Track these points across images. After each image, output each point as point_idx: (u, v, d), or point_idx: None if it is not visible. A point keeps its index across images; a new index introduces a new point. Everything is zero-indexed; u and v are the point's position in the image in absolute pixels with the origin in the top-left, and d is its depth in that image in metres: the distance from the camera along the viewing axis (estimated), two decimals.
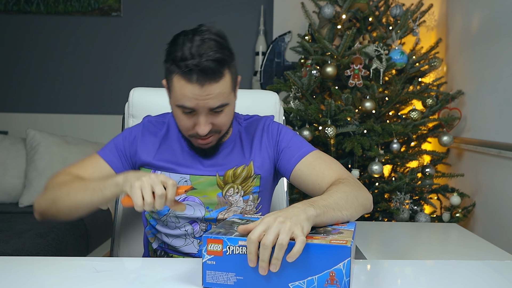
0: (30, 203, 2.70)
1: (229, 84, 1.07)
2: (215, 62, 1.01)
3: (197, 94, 1.03)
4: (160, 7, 3.34)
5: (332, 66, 2.32)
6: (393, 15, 2.49)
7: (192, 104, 1.04)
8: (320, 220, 0.87)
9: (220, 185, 1.17)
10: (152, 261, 1.01)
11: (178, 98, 1.06)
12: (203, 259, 0.79)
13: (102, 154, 1.20)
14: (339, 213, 0.92)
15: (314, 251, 0.77)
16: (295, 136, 1.21)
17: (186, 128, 1.10)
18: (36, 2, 3.30)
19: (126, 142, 1.22)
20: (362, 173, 2.38)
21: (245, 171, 1.18)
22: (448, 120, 2.41)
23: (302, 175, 1.14)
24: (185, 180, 1.17)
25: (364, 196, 1.04)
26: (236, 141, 1.22)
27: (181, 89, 1.04)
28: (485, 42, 2.31)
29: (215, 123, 1.09)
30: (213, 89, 1.03)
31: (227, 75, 1.06)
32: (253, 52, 3.33)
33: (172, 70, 1.05)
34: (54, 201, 1.07)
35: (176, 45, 1.04)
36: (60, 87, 3.37)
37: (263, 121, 1.25)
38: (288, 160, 1.17)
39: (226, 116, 1.10)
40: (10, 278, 0.86)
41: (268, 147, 1.21)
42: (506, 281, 0.93)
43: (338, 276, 0.76)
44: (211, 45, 1.02)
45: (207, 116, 1.07)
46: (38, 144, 2.79)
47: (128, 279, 0.88)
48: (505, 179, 2.13)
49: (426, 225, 2.20)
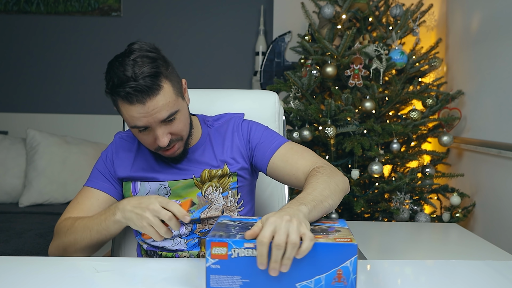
0: (30, 203, 2.70)
1: (171, 93, 1.09)
2: (150, 77, 1.04)
3: (143, 112, 1.06)
4: (160, 7, 3.34)
5: (332, 66, 2.32)
6: (393, 15, 2.49)
7: (143, 122, 1.08)
8: (312, 216, 0.89)
9: (199, 186, 1.20)
10: (152, 261, 1.01)
11: (129, 121, 1.09)
12: (207, 264, 0.77)
13: (92, 184, 1.23)
14: (326, 203, 0.95)
15: (321, 250, 0.77)
16: (266, 131, 1.24)
17: (149, 144, 1.15)
18: (36, 2, 3.30)
19: (106, 163, 1.25)
20: (362, 173, 2.38)
21: (220, 171, 1.21)
22: (448, 120, 2.41)
23: (277, 168, 1.17)
24: (164, 187, 1.21)
25: (342, 180, 1.07)
26: (206, 143, 1.25)
27: (128, 112, 1.07)
28: (485, 42, 2.31)
29: (172, 131, 1.12)
30: (155, 103, 1.06)
31: (166, 85, 1.08)
32: (253, 52, 3.33)
33: (114, 98, 1.09)
34: (65, 249, 1.12)
35: (111, 72, 1.07)
36: (60, 87, 3.37)
37: (233, 121, 1.27)
38: (262, 156, 1.20)
39: (181, 123, 1.13)
40: (10, 278, 0.86)
41: (240, 146, 1.23)
42: (506, 281, 0.93)
43: (345, 274, 0.77)
44: (143, 62, 1.05)
45: (162, 128, 1.10)
46: (38, 144, 2.79)
47: (128, 279, 0.88)
48: (505, 179, 2.13)
49: (426, 225, 2.20)
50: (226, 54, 3.33)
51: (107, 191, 1.22)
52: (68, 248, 1.11)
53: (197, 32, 3.33)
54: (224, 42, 3.32)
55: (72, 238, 1.10)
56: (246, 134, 1.25)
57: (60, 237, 1.13)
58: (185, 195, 1.20)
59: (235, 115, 1.31)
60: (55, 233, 1.17)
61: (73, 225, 1.11)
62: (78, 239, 1.09)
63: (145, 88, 1.04)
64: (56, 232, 1.17)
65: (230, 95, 1.51)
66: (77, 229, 1.10)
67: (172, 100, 1.09)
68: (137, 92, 1.04)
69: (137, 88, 1.03)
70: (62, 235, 1.13)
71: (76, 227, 1.10)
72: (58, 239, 1.14)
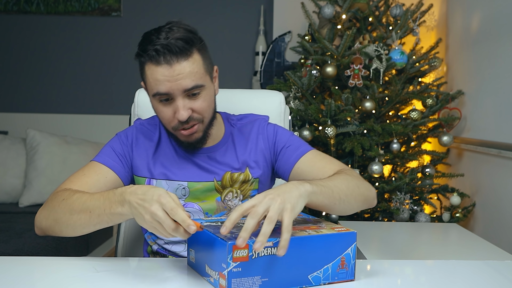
0: (30, 203, 2.70)
1: (201, 66, 1.06)
2: (182, 40, 1.02)
3: (168, 75, 1.02)
4: (160, 7, 3.34)
5: (332, 66, 2.32)
6: (393, 15, 2.49)
7: (166, 87, 1.03)
8: (316, 198, 0.88)
9: (219, 190, 1.16)
10: (152, 261, 1.01)
11: (152, 86, 1.05)
12: (228, 268, 0.76)
13: (103, 161, 1.14)
14: (337, 195, 0.93)
15: (327, 241, 0.83)
16: (292, 136, 1.20)
17: (167, 119, 1.08)
18: (36, 2, 3.30)
19: (124, 145, 1.18)
20: (362, 173, 2.38)
21: (242, 176, 1.17)
22: (448, 120, 2.41)
23: (302, 173, 1.13)
24: (183, 187, 1.15)
25: (366, 186, 1.04)
26: (229, 142, 1.20)
27: (152, 75, 1.04)
28: (485, 42, 2.31)
29: (194, 108, 1.07)
30: (182, 67, 1.02)
31: (197, 56, 1.05)
32: (253, 52, 3.33)
33: (143, 61, 1.06)
34: (56, 222, 1.00)
35: (144, 36, 1.06)
36: (60, 87, 3.37)
37: (258, 123, 1.23)
38: (286, 160, 1.16)
39: (205, 102, 1.08)
40: (10, 278, 0.86)
41: (264, 149, 1.19)
42: (506, 281, 0.93)
43: (347, 260, 0.84)
44: (179, 30, 1.03)
45: (184, 100, 1.05)
46: (38, 144, 2.79)
47: (128, 279, 0.88)
48: (505, 179, 2.13)
49: (426, 225, 2.20)
50: (226, 54, 3.33)
51: (117, 172, 1.13)
52: (60, 221, 0.99)
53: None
54: (224, 42, 3.32)
55: (68, 212, 0.98)
56: (272, 137, 1.20)
57: (53, 206, 1.01)
58: (204, 198, 1.15)
59: (260, 117, 1.26)
60: (49, 201, 1.04)
61: (71, 198, 0.99)
62: (74, 215, 0.97)
63: (175, 48, 1.01)
64: (50, 200, 1.05)
65: (235, 95, 1.51)
66: (74, 205, 0.97)
67: (200, 72, 1.05)
68: (166, 51, 1.01)
69: (167, 47, 1.00)
70: (56, 205, 1.01)
71: (74, 203, 0.97)
72: (51, 209, 1.02)
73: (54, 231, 1.02)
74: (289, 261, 0.80)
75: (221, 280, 0.78)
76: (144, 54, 1.04)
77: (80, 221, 0.96)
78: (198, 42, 1.06)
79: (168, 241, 1.18)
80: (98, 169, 1.12)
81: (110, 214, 0.92)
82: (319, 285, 0.83)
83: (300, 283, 0.82)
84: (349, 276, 0.85)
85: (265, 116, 1.27)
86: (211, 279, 0.82)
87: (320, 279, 0.83)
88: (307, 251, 0.81)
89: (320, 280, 0.83)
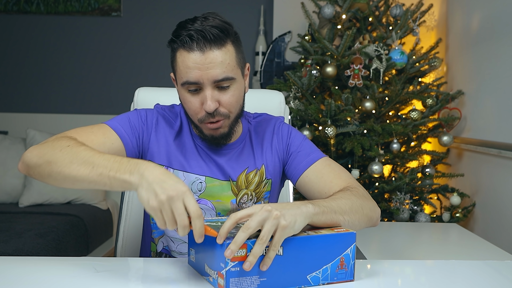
0: (30, 203, 2.70)
1: (234, 58, 1.04)
2: (217, 28, 1.00)
3: (199, 62, 0.99)
4: (160, 7, 3.34)
5: (332, 66, 2.32)
6: (393, 15, 2.49)
7: (195, 76, 1.00)
8: (318, 220, 0.86)
9: (234, 192, 1.13)
10: (152, 261, 1.01)
11: (182, 74, 1.02)
12: (227, 267, 0.76)
13: (114, 127, 1.08)
14: (340, 216, 0.91)
15: (326, 241, 0.83)
16: (305, 141, 1.18)
17: (194, 110, 1.05)
18: (36, 2, 3.30)
19: (142, 123, 1.12)
20: (362, 173, 2.38)
21: (257, 176, 1.14)
22: (448, 120, 2.41)
23: (310, 182, 1.10)
24: (200, 182, 1.11)
25: (370, 207, 1.01)
26: (246, 140, 1.18)
27: (184, 62, 1.01)
28: (485, 42, 2.31)
29: (222, 101, 1.04)
30: (214, 56, 1.00)
31: (231, 48, 1.03)
32: (253, 52, 3.33)
33: (175, 47, 1.03)
34: (50, 163, 0.92)
35: (178, 26, 1.04)
36: (60, 87, 3.37)
37: (273, 122, 1.21)
38: (296, 165, 1.14)
39: (234, 96, 1.05)
40: (10, 278, 0.86)
41: (278, 149, 1.17)
42: (506, 281, 0.93)
43: (346, 260, 0.84)
44: (215, 20, 1.02)
45: (213, 91, 1.02)
46: None
47: (128, 279, 0.88)
48: (505, 179, 2.13)
49: (426, 225, 2.20)
50: None
51: (126, 144, 1.07)
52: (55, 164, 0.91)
53: None
54: None
55: (68, 158, 0.90)
56: (286, 138, 1.18)
57: (53, 148, 0.93)
58: (218, 197, 1.12)
59: (275, 116, 1.24)
60: (49, 141, 0.97)
61: (78, 148, 0.92)
62: (74, 164, 0.89)
63: (210, 35, 0.99)
64: (50, 141, 0.97)
65: None
66: (80, 155, 0.90)
67: (232, 64, 1.03)
68: (199, 36, 0.99)
69: (201, 33, 0.99)
70: (57, 147, 0.93)
71: (80, 153, 0.90)
72: (49, 149, 0.94)
73: (40, 173, 0.94)
74: (288, 261, 0.80)
75: (219, 280, 0.78)
76: (177, 39, 1.01)
77: (77, 172, 0.88)
78: (233, 34, 1.05)
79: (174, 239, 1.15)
80: (108, 132, 1.07)
81: (113, 178, 0.85)
82: (318, 285, 0.83)
83: (298, 283, 0.82)
84: (349, 277, 0.85)
85: (281, 116, 1.25)
86: (210, 278, 0.82)
87: (319, 279, 0.83)
88: (306, 251, 0.82)
89: (319, 280, 0.83)
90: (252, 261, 0.76)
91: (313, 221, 0.85)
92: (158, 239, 1.19)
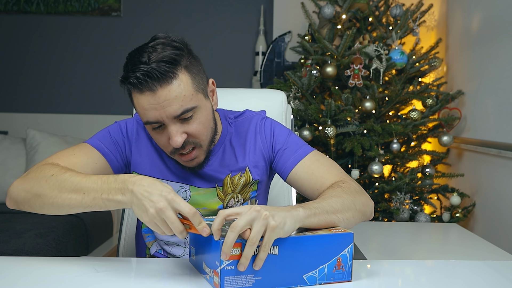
0: None
1: (190, 86, 0.97)
2: (164, 62, 0.93)
3: (153, 103, 0.94)
4: (160, 7, 3.34)
5: (332, 66, 2.32)
6: (393, 15, 2.49)
7: (154, 116, 0.96)
8: (310, 222, 0.85)
9: (221, 197, 1.12)
10: (152, 261, 1.01)
11: (141, 115, 0.98)
12: (221, 266, 0.77)
13: (96, 145, 1.06)
14: (333, 216, 0.89)
15: (322, 242, 0.83)
16: (289, 136, 1.14)
17: (164, 146, 1.02)
18: (36, 2, 3.30)
19: (124, 135, 1.11)
20: (362, 173, 2.39)
21: (242, 178, 1.12)
22: (448, 120, 2.41)
23: (300, 179, 1.08)
24: (185, 190, 1.10)
25: (363, 202, 0.99)
26: (226, 143, 1.14)
27: (139, 104, 0.96)
28: (485, 42, 2.31)
29: (189, 132, 0.99)
30: (167, 93, 0.94)
31: (183, 75, 0.96)
32: (253, 52, 3.33)
33: (128, 89, 0.98)
34: (39, 196, 0.92)
35: (127, 59, 0.98)
36: (60, 87, 3.37)
37: (255, 120, 1.16)
38: (283, 163, 1.11)
39: (200, 124, 1.00)
40: (10, 278, 0.86)
41: (263, 149, 1.14)
42: (506, 281, 0.93)
43: (343, 261, 0.84)
44: (164, 49, 0.95)
45: (176, 125, 0.98)
46: (38, 144, 2.79)
47: (128, 279, 0.88)
48: (505, 179, 2.13)
49: (426, 225, 2.20)
50: (226, 54, 3.33)
51: (110, 161, 1.06)
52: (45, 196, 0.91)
53: (197, 32, 3.33)
54: (224, 42, 3.32)
55: (57, 188, 0.90)
56: (270, 136, 1.14)
57: (38, 179, 0.92)
58: (204, 204, 1.10)
59: (256, 113, 1.19)
60: (32, 172, 0.95)
61: (62, 175, 0.91)
62: (64, 192, 0.89)
63: (156, 74, 0.92)
64: (33, 172, 0.95)
65: (237, 94, 1.50)
66: (66, 183, 0.90)
67: (189, 95, 0.96)
68: (147, 78, 0.92)
69: (147, 73, 0.92)
70: (42, 179, 0.92)
71: (66, 181, 0.90)
72: (34, 182, 0.93)
73: (31, 206, 0.94)
74: (283, 260, 0.80)
75: (215, 278, 0.79)
76: (126, 81, 0.96)
77: (70, 201, 0.89)
78: (185, 60, 0.98)
79: (168, 242, 1.16)
80: (90, 152, 1.05)
81: (107, 200, 0.86)
82: (314, 285, 0.83)
83: (294, 283, 0.82)
84: (346, 277, 0.85)
85: (261, 111, 1.21)
86: (207, 276, 0.83)
87: (315, 279, 0.83)
88: (301, 251, 0.81)
89: (315, 280, 0.83)
90: (245, 263, 0.76)
91: (305, 224, 0.84)
92: (151, 243, 1.19)
